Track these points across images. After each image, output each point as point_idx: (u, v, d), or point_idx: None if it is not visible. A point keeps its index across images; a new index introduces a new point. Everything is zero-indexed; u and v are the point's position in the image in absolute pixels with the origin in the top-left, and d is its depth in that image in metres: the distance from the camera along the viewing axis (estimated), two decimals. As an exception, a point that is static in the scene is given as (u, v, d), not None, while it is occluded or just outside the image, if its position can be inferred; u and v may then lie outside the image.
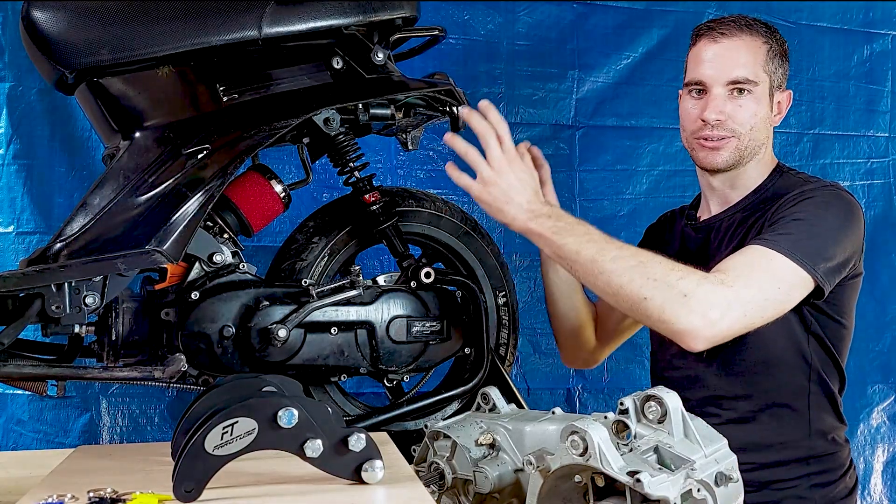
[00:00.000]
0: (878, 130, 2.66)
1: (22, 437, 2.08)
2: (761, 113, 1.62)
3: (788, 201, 1.55)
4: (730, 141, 1.62)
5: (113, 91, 1.44)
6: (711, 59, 1.62)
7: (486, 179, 1.53)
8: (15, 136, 2.09)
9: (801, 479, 1.59)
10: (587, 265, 1.46)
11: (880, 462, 2.64)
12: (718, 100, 1.61)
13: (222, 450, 1.02)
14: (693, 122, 1.65)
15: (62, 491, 1.07)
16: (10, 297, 1.34)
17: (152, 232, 1.35)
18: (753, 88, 1.61)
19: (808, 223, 1.50)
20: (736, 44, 1.61)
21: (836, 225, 1.53)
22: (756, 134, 1.62)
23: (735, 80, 1.60)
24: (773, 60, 1.63)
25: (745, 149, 1.63)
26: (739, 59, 1.60)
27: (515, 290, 1.83)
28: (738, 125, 1.61)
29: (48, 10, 1.38)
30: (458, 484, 1.31)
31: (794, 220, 1.51)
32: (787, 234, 1.49)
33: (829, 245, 1.50)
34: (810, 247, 1.47)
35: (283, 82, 1.49)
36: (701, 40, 1.65)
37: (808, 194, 1.56)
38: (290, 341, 1.46)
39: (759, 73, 1.61)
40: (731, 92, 1.61)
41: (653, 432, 1.10)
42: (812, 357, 1.60)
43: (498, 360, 1.70)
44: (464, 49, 2.37)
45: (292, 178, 1.62)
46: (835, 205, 1.55)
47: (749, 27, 1.63)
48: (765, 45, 1.63)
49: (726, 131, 1.61)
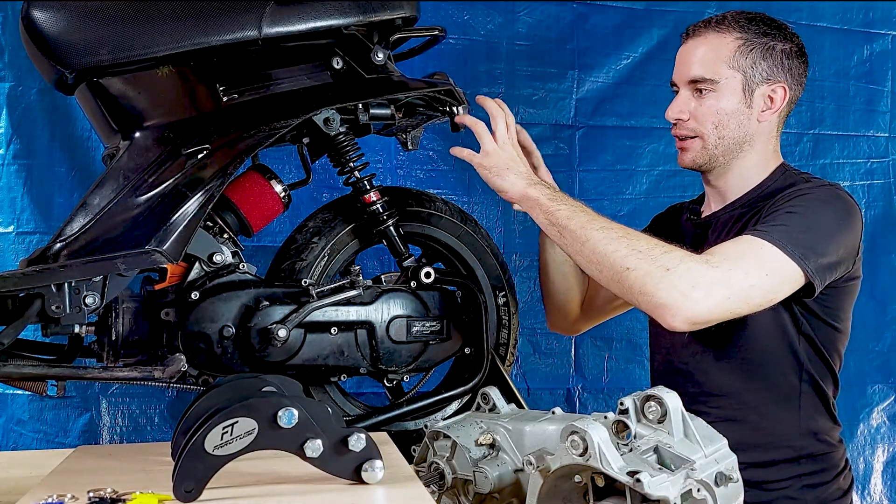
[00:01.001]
0: (878, 130, 2.67)
1: (22, 437, 2.08)
2: (728, 109, 1.59)
3: (785, 196, 1.54)
4: (694, 141, 1.63)
5: (113, 91, 1.44)
6: (678, 60, 1.66)
7: (488, 151, 1.60)
8: (15, 136, 2.09)
9: (793, 480, 1.58)
10: (576, 231, 1.47)
11: (880, 462, 2.64)
12: (680, 99, 1.64)
13: (222, 450, 1.02)
14: (670, 121, 1.68)
15: (62, 491, 1.07)
16: (10, 297, 1.34)
17: (152, 232, 1.35)
18: (713, 86, 1.59)
19: (802, 217, 1.48)
20: (698, 42, 1.62)
21: (832, 223, 1.51)
22: (726, 132, 1.60)
23: (693, 79, 1.61)
24: (748, 55, 1.59)
25: (716, 147, 1.61)
26: (696, 57, 1.61)
27: (515, 290, 1.83)
28: (699, 124, 1.61)
29: (48, 10, 1.38)
30: (458, 484, 1.31)
31: (789, 213, 1.49)
32: (781, 226, 1.47)
33: (823, 241, 1.47)
34: (803, 240, 1.45)
35: (283, 82, 1.49)
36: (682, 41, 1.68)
37: (807, 191, 1.55)
38: (290, 341, 1.46)
39: (722, 69, 1.59)
40: (694, 91, 1.62)
41: (653, 432, 1.10)
42: (803, 357, 1.58)
43: (498, 360, 1.70)
44: (464, 49, 2.37)
45: (292, 178, 1.62)
46: (833, 203, 1.53)
47: (721, 24, 1.61)
48: (736, 41, 1.59)
49: (688, 131, 1.63)
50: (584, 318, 1.92)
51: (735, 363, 1.60)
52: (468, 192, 2.37)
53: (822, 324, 1.58)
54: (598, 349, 2.46)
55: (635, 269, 1.40)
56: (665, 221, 1.88)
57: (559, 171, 2.43)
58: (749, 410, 1.60)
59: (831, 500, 1.60)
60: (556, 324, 1.96)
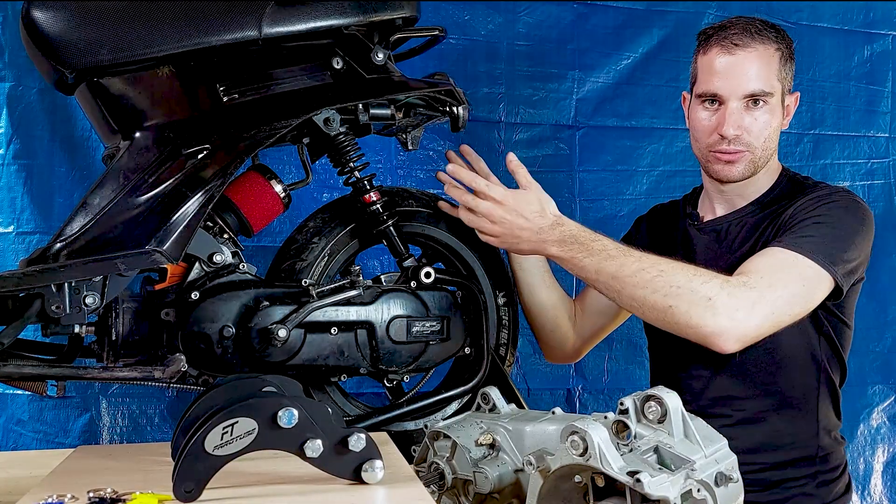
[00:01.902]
0: (879, 131, 2.66)
1: (22, 437, 2.08)
2: (775, 123, 1.63)
3: (807, 205, 1.56)
4: (744, 154, 1.62)
5: (113, 91, 1.44)
6: (726, 72, 1.60)
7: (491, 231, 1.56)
8: (15, 136, 2.09)
9: (809, 478, 1.60)
10: (608, 282, 1.46)
11: (880, 462, 2.64)
12: (736, 114, 1.59)
13: (222, 450, 1.02)
14: (709, 135, 1.63)
15: (62, 491, 1.07)
16: (10, 297, 1.34)
17: (152, 232, 1.35)
18: (769, 99, 1.60)
19: (828, 226, 1.52)
20: (751, 55, 1.59)
21: (854, 229, 1.55)
22: (769, 144, 1.63)
23: (752, 94, 1.59)
24: (784, 66, 1.63)
25: (759, 160, 1.63)
26: (754, 71, 1.59)
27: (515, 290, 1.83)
28: (753, 138, 1.61)
29: (48, 10, 1.38)
30: (458, 484, 1.31)
31: (816, 224, 1.52)
32: (810, 237, 1.50)
33: (848, 247, 1.52)
34: (831, 248, 1.49)
35: (284, 82, 1.49)
36: (713, 49, 1.62)
37: (827, 199, 1.57)
38: (290, 341, 1.46)
39: (774, 82, 1.61)
40: (747, 104, 1.60)
41: (653, 432, 1.10)
42: (822, 357, 1.61)
43: (498, 360, 1.70)
44: (464, 49, 2.37)
45: (292, 178, 1.62)
46: (853, 209, 1.57)
47: (760, 34, 1.61)
48: (777, 53, 1.61)
49: (742, 145, 1.61)
50: (581, 343, 1.89)
51: (757, 367, 1.60)
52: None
53: (838, 322, 1.62)
54: (599, 349, 2.45)
55: (678, 306, 1.42)
56: (655, 225, 1.87)
57: (559, 171, 2.44)
58: (769, 412, 1.60)
59: (839, 495, 1.63)
60: (554, 356, 1.93)
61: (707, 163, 1.67)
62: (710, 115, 1.63)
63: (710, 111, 1.63)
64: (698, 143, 1.68)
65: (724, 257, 1.63)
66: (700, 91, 1.65)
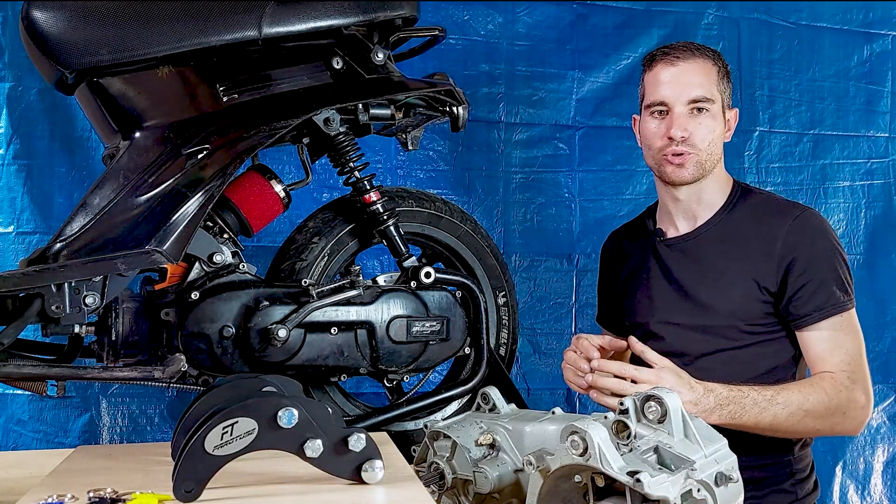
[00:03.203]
0: (878, 130, 2.66)
1: (22, 437, 2.08)
2: (717, 130, 1.73)
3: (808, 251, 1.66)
4: (691, 156, 1.71)
5: (113, 91, 1.44)
6: (670, 81, 1.72)
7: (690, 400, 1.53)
8: (15, 136, 2.09)
9: (786, 475, 1.69)
10: (766, 430, 1.58)
11: (880, 462, 2.64)
12: (682, 118, 1.70)
13: (222, 450, 1.02)
14: (659, 139, 1.73)
15: (62, 491, 1.07)
16: (10, 297, 1.34)
17: (152, 232, 1.35)
18: (710, 106, 1.71)
19: (828, 261, 1.66)
20: (691, 66, 1.72)
21: (836, 247, 1.69)
22: (713, 149, 1.72)
23: (694, 99, 1.70)
24: (722, 81, 1.75)
25: (705, 163, 1.72)
26: (696, 79, 1.71)
27: (515, 290, 1.83)
28: (698, 141, 1.70)
29: (48, 10, 1.38)
30: (458, 484, 1.31)
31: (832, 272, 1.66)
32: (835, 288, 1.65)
33: (844, 266, 1.69)
34: (842, 279, 1.67)
35: (283, 82, 1.49)
36: (657, 65, 1.75)
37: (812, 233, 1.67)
38: (290, 341, 1.46)
39: (714, 92, 1.72)
40: (692, 111, 1.71)
41: (653, 432, 1.10)
42: (797, 371, 1.72)
43: (498, 360, 1.70)
44: (464, 49, 2.37)
45: (292, 178, 1.62)
46: (826, 227, 1.71)
47: (699, 50, 1.74)
48: (714, 67, 1.74)
49: (688, 147, 1.71)
50: None
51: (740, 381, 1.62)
52: (468, 192, 2.37)
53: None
54: (599, 349, 2.46)
55: (823, 429, 1.63)
56: (621, 250, 1.91)
57: (559, 170, 2.44)
58: None
59: (810, 492, 1.72)
60: None
61: (659, 167, 1.75)
62: (658, 123, 1.74)
63: (658, 119, 1.74)
64: (650, 151, 1.77)
65: (696, 272, 1.73)
66: (648, 102, 1.76)
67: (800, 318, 1.65)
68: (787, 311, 1.66)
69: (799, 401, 1.56)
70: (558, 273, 2.43)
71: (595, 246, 2.43)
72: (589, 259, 2.43)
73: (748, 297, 1.67)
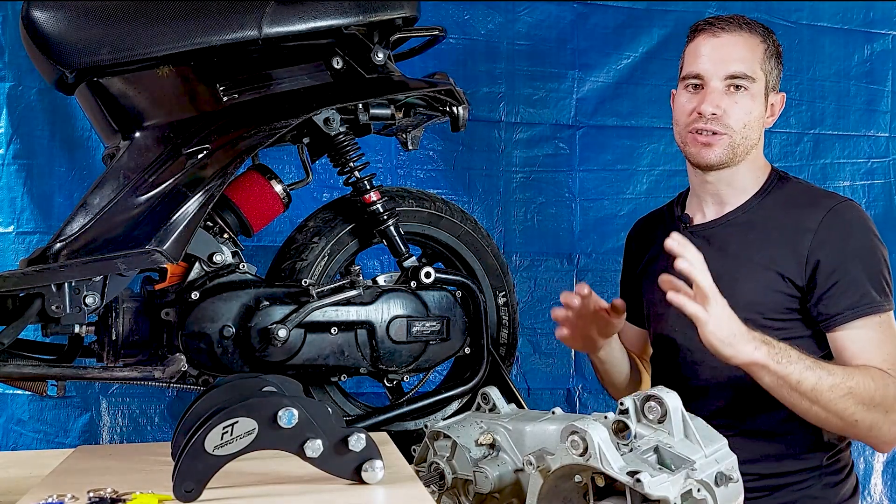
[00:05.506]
0: (879, 130, 2.66)
1: (22, 437, 2.08)
2: (756, 111, 1.61)
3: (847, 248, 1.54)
4: (722, 138, 1.60)
5: (113, 91, 1.44)
6: (709, 53, 1.61)
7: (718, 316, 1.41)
8: (15, 136, 2.09)
9: (815, 480, 1.59)
10: (806, 392, 1.45)
11: (880, 462, 2.64)
12: (716, 93, 1.59)
13: (222, 450, 1.02)
14: (688, 114, 1.63)
15: (62, 491, 1.07)
16: (10, 297, 1.34)
17: (152, 232, 1.35)
18: (750, 85, 1.60)
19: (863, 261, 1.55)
20: (735, 39, 1.60)
21: (876, 244, 1.58)
22: (749, 132, 1.61)
23: (733, 75, 1.59)
24: (769, 60, 1.63)
25: (738, 146, 1.61)
26: (737, 53, 1.60)
27: (515, 290, 1.83)
28: (732, 121, 1.59)
29: (48, 9, 1.38)
30: (458, 484, 1.31)
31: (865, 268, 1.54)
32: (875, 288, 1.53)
33: (884, 266, 1.58)
34: (880, 281, 1.55)
35: (283, 82, 1.49)
36: (699, 35, 1.64)
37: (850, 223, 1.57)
38: (291, 341, 1.46)
39: (757, 70, 1.61)
40: (728, 87, 1.60)
41: (653, 432, 1.09)
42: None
43: (498, 360, 1.70)
44: (464, 49, 2.37)
45: (292, 178, 1.62)
46: (870, 224, 1.60)
47: (748, 25, 1.63)
48: (762, 44, 1.62)
49: (720, 126, 1.60)
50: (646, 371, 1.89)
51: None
52: (468, 192, 2.37)
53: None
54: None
55: (862, 421, 1.47)
56: (645, 236, 1.84)
57: (559, 171, 2.43)
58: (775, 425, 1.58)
59: (846, 497, 1.62)
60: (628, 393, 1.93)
61: (685, 146, 1.66)
62: (690, 96, 1.64)
63: (691, 93, 1.64)
64: (678, 128, 1.67)
65: (716, 260, 1.57)
66: (684, 73, 1.65)
67: (830, 317, 1.53)
68: (818, 310, 1.54)
69: (843, 376, 1.45)
70: (559, 273, 2.43)
71: (595, 246, 2.44)
72: (589, 259, 2.43)
73: (769, 288, 1.57)
